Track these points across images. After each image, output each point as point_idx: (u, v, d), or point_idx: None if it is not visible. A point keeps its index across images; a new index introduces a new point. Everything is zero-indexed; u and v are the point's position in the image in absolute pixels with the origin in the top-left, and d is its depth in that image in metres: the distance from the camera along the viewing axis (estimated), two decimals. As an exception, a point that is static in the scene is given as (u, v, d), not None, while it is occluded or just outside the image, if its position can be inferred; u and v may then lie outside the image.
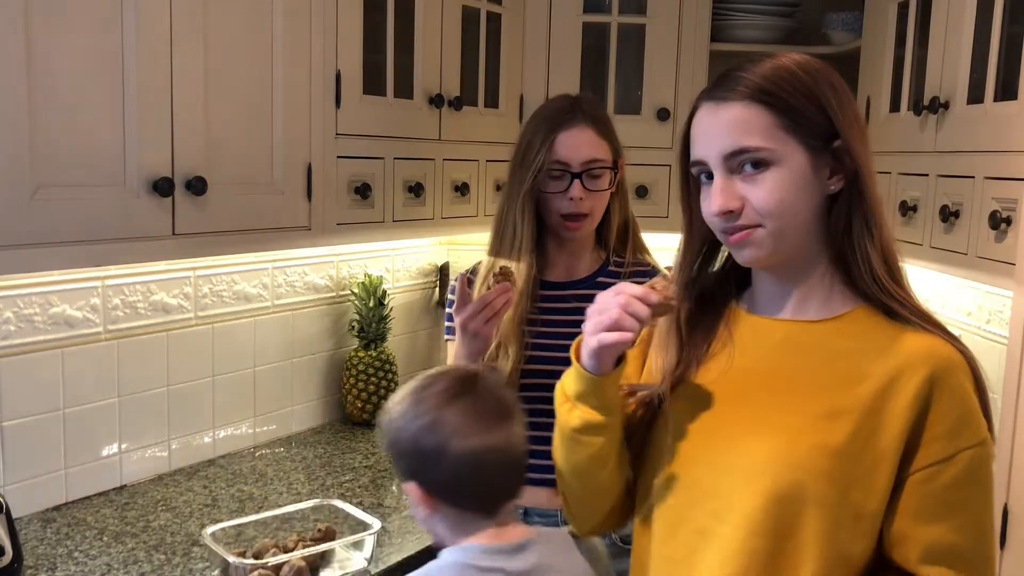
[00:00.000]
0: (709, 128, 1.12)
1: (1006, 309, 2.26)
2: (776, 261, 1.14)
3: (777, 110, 1.08)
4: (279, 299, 2.46)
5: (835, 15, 2.69)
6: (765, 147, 1.08)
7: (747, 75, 1.10)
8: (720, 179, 1.11)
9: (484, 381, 1.28)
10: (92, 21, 1.52)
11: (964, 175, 1.91)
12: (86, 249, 1.55)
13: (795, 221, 1.10)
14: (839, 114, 1.10)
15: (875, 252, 1.11)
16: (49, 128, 1.47)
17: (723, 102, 1.11)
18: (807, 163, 1.09)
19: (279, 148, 1.89)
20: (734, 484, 1.10)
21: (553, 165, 1.74)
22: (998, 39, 1.81)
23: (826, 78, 1.12)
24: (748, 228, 1.10)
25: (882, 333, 1.11)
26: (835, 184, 1.11)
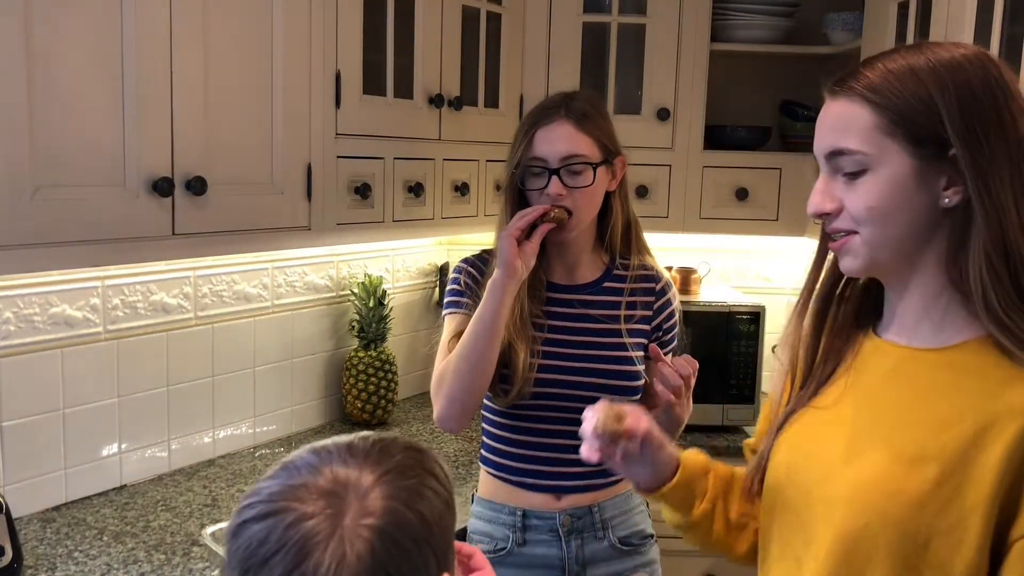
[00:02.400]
0: (820, 123, 1.07)
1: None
2: (880, 273, 1.08)
3: (880, 109, 1.00)
4: (279, 299, 2.46)
5: (835, 15, 2.69)
6: (860, 150, 1.01)
7: (866, 70, 1.03)
8: (823, 178, 1.06)
9: None
10: (92, 22, 1.52)
11: None
12: (86, 249, 1.55)
13: (893, 231, 1.02)
14: (959, 121, 0.97)
15: (995, 280, 0.98)
16: (49, 128, 1.47)
17: (834, 97, 1.05)
18: (911, 170, 1.00)
19: (279, 148, 1.89)
20: (819, 515, 1.06)
21: (532, 162, 1.70)
22: (998, 39, 1.81)
23: (962, 79, 0.99)
24: (846, 234, 1.05)
25: (991, 373, 0.99)
26: (951, 197, 1.00)
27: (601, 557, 1.75)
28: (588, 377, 1.72)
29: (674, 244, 3.03)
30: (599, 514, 1.75)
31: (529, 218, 1.64)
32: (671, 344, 1.84)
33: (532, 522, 1.75)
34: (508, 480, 1.77)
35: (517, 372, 1.69)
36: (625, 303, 1.78)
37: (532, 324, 1.73)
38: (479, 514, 1.82)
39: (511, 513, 1.76)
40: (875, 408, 1.07)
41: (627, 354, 1.74)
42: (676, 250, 3.04)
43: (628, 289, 1.78)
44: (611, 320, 1.76)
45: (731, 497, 1.26)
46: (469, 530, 1.84)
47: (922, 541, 0.98)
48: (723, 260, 3.12)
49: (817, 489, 1.07)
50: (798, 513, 1.10)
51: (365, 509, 0.79)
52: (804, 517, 1.08)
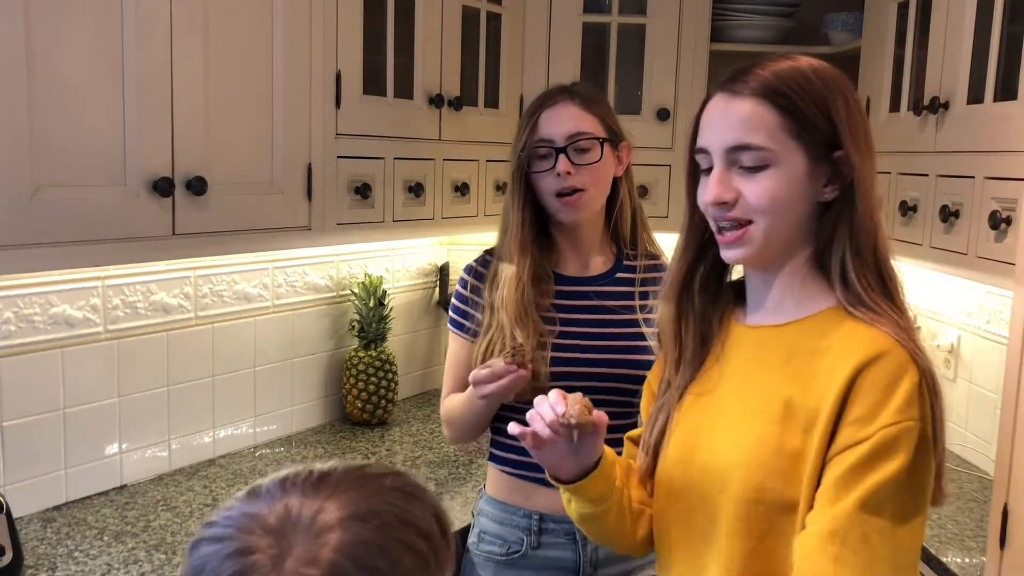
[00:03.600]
0: (718, 119, 1.14)
1: (1006, 309, 2.26)
2: (762, 261, 1.16)
3: (786, 112, 1.10)
4: (279, 299, 2.46)
5: (835, 15, 2.69)
6: (767, 147, 1.10)
7: (764, 72, 1.12)
8: (719, 170, 1.13)
9: None
10: (92, 22, 1.52)
11: (964, 175, 1.91)
12: (86, 249, 1.55)
13: (784, 222, 1.12)
14: (845, 125, 1.11)
15: (858, 263, 1.12)
16: (49, 128, 1.47)
17: (735, 96, 1.12)
18: (805, 168, 1.11)
19: (279, 148, 1.89)
20: (717, 488, 1.14)
21: (538, 144, 1.69)
22: (998, 39, 1.81)
23: (840, 87, 1.13)
24: (741, 226, 1.12)
25: (838, 331, 1.11)
26: (829, 193, 1.13)
27: (614, 558, 1.72)
28: (606, 368, 1.70)
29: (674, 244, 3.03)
30: None
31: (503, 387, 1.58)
32: None
33: (549, 526, 1.72)
34: (522, 477, 1.73)
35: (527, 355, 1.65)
36: (638, 293, 1.77)
37: (542, 318, 1.70)
38: (491, 515, 1.79)
39: (526, 516, 1.73)
40: (750, 383, 1.16)
41: (645, 344, 1.72)
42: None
43: (640, 279, 1.78)
44: (627, 311, 1.75)
45: (630, 485, 1.29)
46: (479, 529, 1.79)
47: (801, 488, 1.07)
48: (723, 260, 3.11)
49: (712, 464, 1.15)
50: (699, 492, 1.16)
51: (310, 555, 0.71)
52: (704, 493, 1.15)
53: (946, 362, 2.58)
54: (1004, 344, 1.94)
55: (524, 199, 1.72)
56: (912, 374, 1.06)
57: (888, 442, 1.03)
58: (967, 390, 2.48)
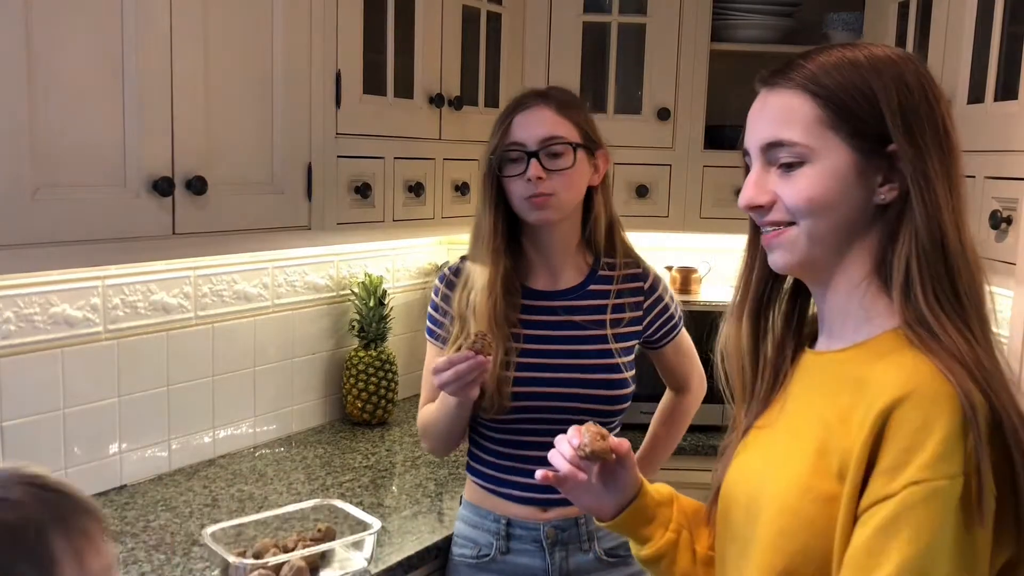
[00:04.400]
0: (755, 115, 1.07)
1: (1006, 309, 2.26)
2: (811, 270, 1.05)
3: (823, 102, 0.99)
4: (279, 299, 2.46)
5: (835, 15, 2.68)
6: (801, 142, 1.00)
7: (805, 62, 1.03)
8: (756, 170, 1.05)
9: None
10: (92, 22, 1.52)
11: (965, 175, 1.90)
12: (86, 249, 1.55)
13: (830, 225, 1.00)
14: (899, 115, 0.98)
15: (925, 275, 0.97)
16: (49, 128, 1.47)
17: (773, 88, 1.05)
18: (851, 164, 0.99)
19: (279, 147, 1.89)
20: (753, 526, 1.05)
21: (510, 147, 1.64)
22: (998, 39, 1.81)
23: (899, 74, 0.99)
24: (780, 226, 1.03)
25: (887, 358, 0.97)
26: (887, 193, 1.00)
27: (586, 569, 1.72)
28: (572, 388, 1.66)
29: (674, 244, 3.03)
30: (585, 526, 1.71)
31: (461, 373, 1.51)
32: (665, 341, 1.81)
33: (516, 531, 1.72)
34: (494, 491, 1.74)
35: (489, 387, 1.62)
36: (612, 306, 1.71)
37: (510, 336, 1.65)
38: (465, 518, 1.79)
39: (496, 520, 1.73)
40: (798, 416, 1.06)
41: (613, 361, 1.69)
42: (676, 250, 3.04)
43: (615, 291, 1.72)
44: (597, 326, 1.70)
45: (698, 530, 1.22)
46: (455, 532, 1.81)
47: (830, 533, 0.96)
48: (723, 260, 3.11)
49: (753, 502, 1.06)
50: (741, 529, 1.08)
51: None
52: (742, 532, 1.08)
53: (946, 362, 2.57)
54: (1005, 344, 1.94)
55: (496, 204, 1.67)
56: (951, 416, 0.89)
57: (916, 503, 0.88)
58: (967, 390, 2.47)
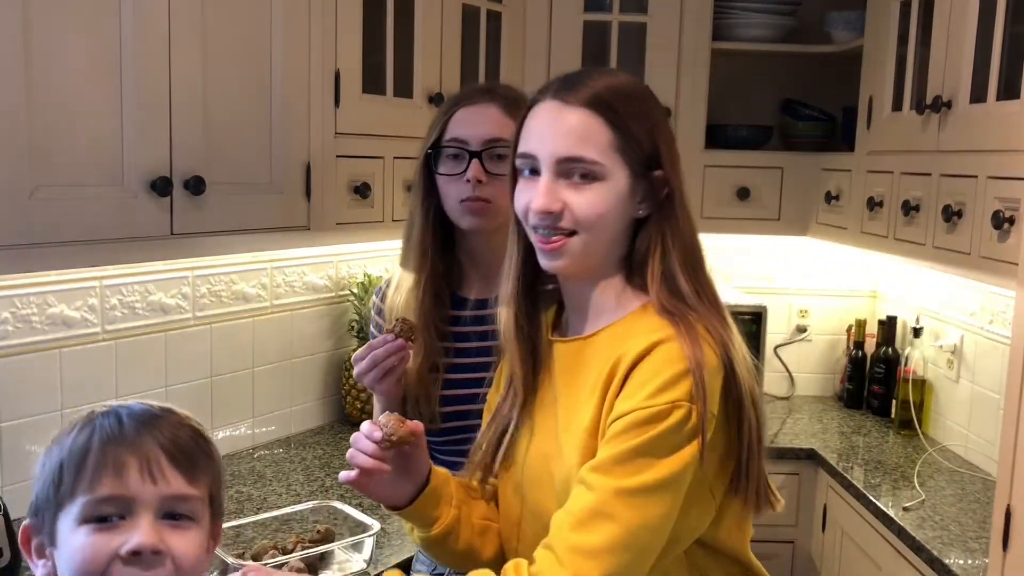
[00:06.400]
0: (548, 127, 1.15)
1: (1009, 309, 2.25)
2: (580, 272, 1.19)
3: (616, 128, 1.13)
4: (278, 299, 2.45)
5: (837, 13, 2.68)
6: (600, 162, 1.12)
7: (596, 84, 1.14)
8: (547, 179, 1.14)
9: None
10: (90, 22, 1.51)
11: (967, 174, 1.90)
12: (84, 249, 1.54)
13: (605, 236, 1.16)
14: (663, 143, 1.16)
15: (675, 274, 1.16)
16: (47, 128, 1.46)
17: (568, 105, 1.14)
18: (628, 185, 1.14)
19: (278, 147, 1.88)
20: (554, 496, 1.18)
21: (449, 143, 1.50)
22: (1001, 38, 1.80)
23: (657, 105, 1.19)
24: (564, 236, 1.14)
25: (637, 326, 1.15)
26: (643, 209, 1.17)
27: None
28: None
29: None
30: None
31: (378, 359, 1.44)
32: None
33: None
34: None
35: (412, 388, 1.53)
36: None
37: (439, 349, 1.55)
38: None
39: None
40: (571, 396, 1.20)
41: None
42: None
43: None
44: None
45: (469, 503, 1.32)
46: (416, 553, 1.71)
47: None
48: (724, 260, 3.11)
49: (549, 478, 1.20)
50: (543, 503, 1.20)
51: None
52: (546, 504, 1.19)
53: (949, 363, 2.57)
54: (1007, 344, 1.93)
55: (428, 204, 1.55)
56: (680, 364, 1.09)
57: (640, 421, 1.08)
58: (970, 391, 2.47)
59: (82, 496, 0.93)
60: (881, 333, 2.84)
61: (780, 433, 2.71)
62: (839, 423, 2.82)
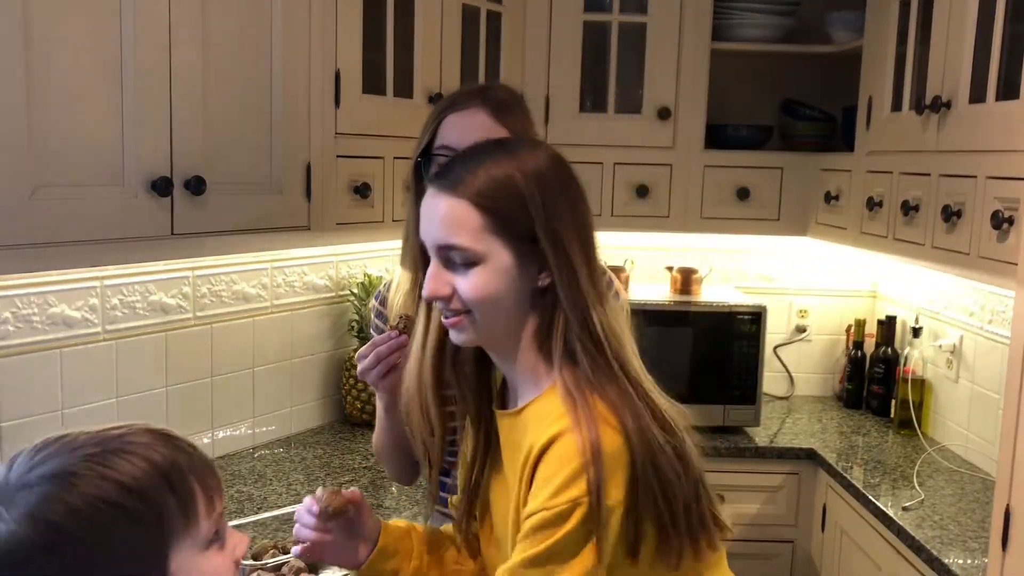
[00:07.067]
0: (428, 215, 1.18)
1: (1008, 309, 2.26)
2: (489, 345, 1.22)
3: (488, 212, 1.14)
4: (278, 299, 2.45)
5: (836, 14, 2.68)
6: (471, 248, 1.14)
7: (469, 174, 1.16)
8: (434, 266, 1.18)
9: None
10: (91, 22, 1.52)
11: (966, 175, 1.90)
12: (84, 249, 1.54)
13: (500, 311, 1.17)
14: (543, 219, 1.15)
15: (575, 344, 1.16)
16: (48, 128, 1.46)
17: (442, 193, 1.16)
18: (512, 260, 1.16)
19: (278, 147, 1.88)
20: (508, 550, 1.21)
21: (440, 151, 1.51)
22: (1000, 38, 1.80)
23: (543, 182, 1.16)
24: (459, 313, 1.17)
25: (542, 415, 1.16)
26: (544, 279, 1.17)
27: None
28: None
29: (675, 244, 3.03)
30: None
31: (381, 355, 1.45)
32: None
33: None
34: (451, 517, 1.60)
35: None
36: None
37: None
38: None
39: None
40: (508, 465, 1.23)
41: None
42: (677, 250, 3.03)
43: None
44: None
45: (441, 550, 1.35)
46: None
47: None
48: (724, 260, 3.11)
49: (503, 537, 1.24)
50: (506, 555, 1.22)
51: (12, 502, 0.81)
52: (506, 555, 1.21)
53: (948, 363, 2.57)
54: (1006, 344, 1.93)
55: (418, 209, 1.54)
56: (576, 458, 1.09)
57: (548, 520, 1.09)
58: (969, 390, 2.47)
59: (203, 520, 0.90)
60: (880, 333, 2.85)
61: (780, 433, 2.71)
62: (839, 423, 2.82)
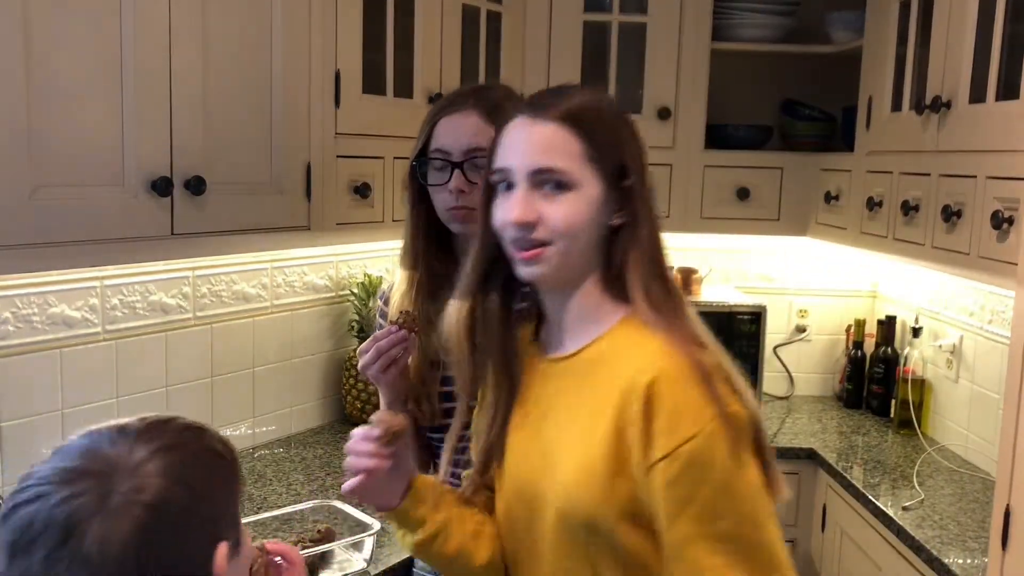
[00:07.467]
0: (521, 141, 1.18)
1: (1008, 309, 2.26)
2: (557, 282, 1.21)
3: (587, 139, 1.16)
4: (278, 299, 2.45)
5: (836, 14, 2.68)
6: (570, 171, 1.15)
7: (565, 100, 1.18)
8: (522, 191, 1.16)
9: None
10: (91, 22, 1.52)
11: (966, 175, 1.90)
12: (85, 249, 1.54)
13: (579, 243, 1.17)
14: (634, 157, 1.19)
15: (646, 278, 1.18)
16: (48, 128, 1.46)
17: (539, 119, 1.17)
18: (600, 194, 1.17)
19: (278, 147, 1.88)
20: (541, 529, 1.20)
21: (434, 154, 1.54)
22: (1000, 38, 1.80)
23: (627, 122, 1.22)
24: (540, 245, 1.16)
25: (628, 349, 1.17)
26: (618, 219, 1.19)
27: None
28: None
29: (675, 244, 3.02)
30: None
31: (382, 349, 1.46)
32: None
33: None
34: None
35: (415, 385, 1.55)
36: None
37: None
38: None
39: None
40: (567, 412, 1.21)
41: None
42: (677, 250, 3.02)
43: None
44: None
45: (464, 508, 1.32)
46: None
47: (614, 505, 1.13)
48: (724, 260, 3.11)
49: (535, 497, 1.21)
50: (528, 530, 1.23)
51: (134, 485, 0.83)
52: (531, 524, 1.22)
53: (948, 362, 2.57)
54: (1006, 344, 1.93)
55: (420, 208, 1.58)
56: (695, 379, 1.10)
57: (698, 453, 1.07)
58: (969, 390, 2.47)
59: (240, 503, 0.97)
60: (880, 333, 2.85)
61: (779, 433, 2.71)
62: (838, 423, 2.82)
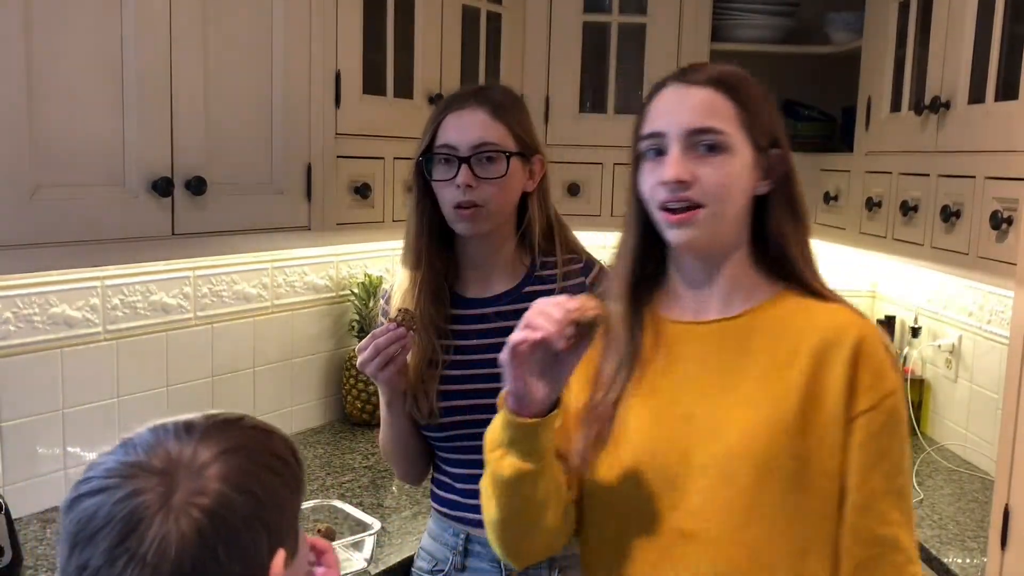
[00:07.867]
0: (676, 105, 1.18)
1: (1007, 309, 2.26)
2: (707, 247, 1.20)
3: (740, 104, 1.17)
4: (279, 299, 2.46)
5: (835, 15, 2.68)
6: (727, 132, 1.16)
7: (716, 68, 1.21)
8: (677, 151, 1.16)
9: None
10: (92, 21, 1.52)
11: (965, 175, 1.91)
12: (86, 249, 1.55)
13: (732, 209, 1.17)
14: (782, 128, 1.23)
15: (800, 248, 1.22)
16: (49, 128, 1.47)
17: (693, 85, 1.19)
18: (751, 159, 1.18)
19: (279, 148, 1.89)
20: (708, 483, 1.14)
21: (441, 149, 1.54)
22: (999, 38, 1.81)
23: (771, 95, 1.25)
24: (692, 208, 1.15)
25: (805, 312, 1.20)
26: (764, 186, 1.20)
27: None
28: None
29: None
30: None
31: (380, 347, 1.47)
32: None
33: (475, 547, 1.61)
34: (452, 505, 1.64)
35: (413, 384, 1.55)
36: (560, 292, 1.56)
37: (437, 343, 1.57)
38: (429, 530, 1.70)
39: (455, 535, 1.62)
40: (722, 377, 1.19)
41: None
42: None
43: (559, 288, 1.58)
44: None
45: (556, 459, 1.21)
46: (420, 546, 1.72)
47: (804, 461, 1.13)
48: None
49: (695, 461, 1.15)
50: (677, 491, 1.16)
51: (195, 488, 0.81)
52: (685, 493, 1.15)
53: (947, 362, 2.58)
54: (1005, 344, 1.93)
55: (424, 206, 1.58)
56: (884, 342, 1.18)
57: (893, 408, 1.16)
58: (968, 390, 2.48)
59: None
60: (880, 333, 2.85)
61: (779, 433, 2.71)
62: (838, 423, 2.82)
